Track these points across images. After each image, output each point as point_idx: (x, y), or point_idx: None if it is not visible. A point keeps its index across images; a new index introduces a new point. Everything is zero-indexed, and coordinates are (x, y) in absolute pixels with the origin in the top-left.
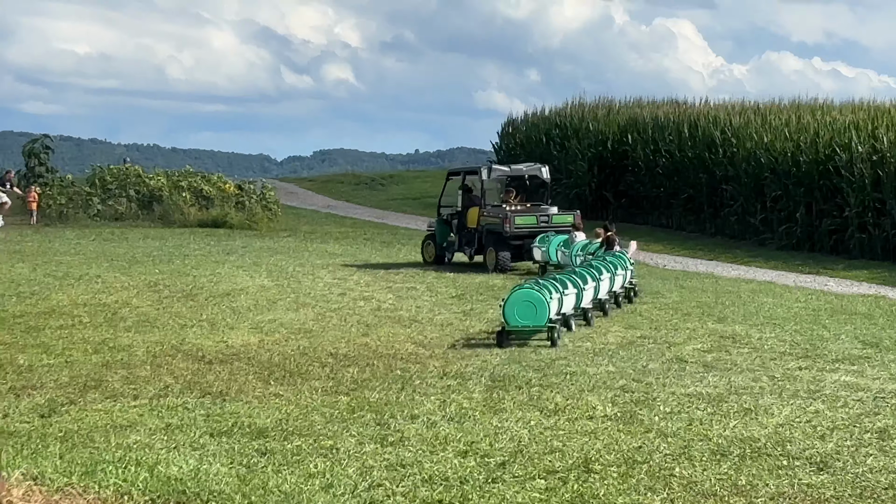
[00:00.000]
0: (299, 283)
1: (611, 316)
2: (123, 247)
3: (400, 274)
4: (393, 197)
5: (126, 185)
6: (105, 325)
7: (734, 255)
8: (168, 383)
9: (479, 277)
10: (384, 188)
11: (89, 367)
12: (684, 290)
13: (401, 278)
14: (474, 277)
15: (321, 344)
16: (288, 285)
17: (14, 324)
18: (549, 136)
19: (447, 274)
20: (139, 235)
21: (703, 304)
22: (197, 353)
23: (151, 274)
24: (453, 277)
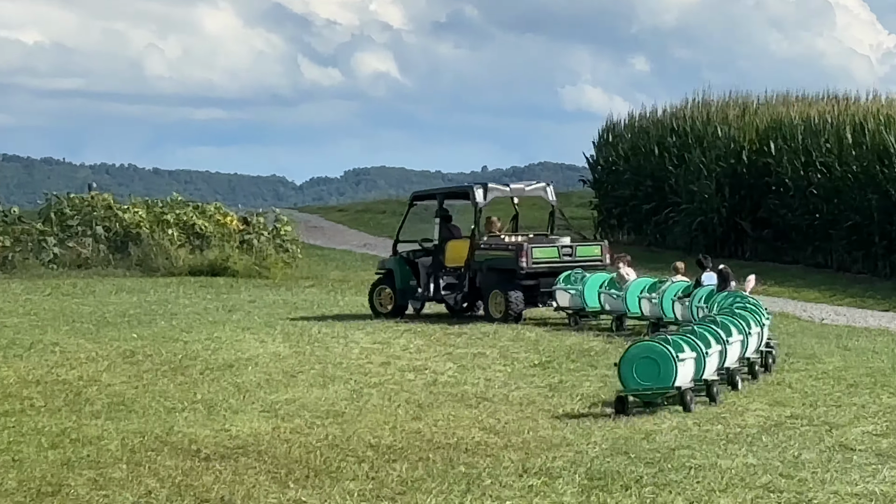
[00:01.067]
0: (327, 349)
1: (746, 388)
2: (89, 303)
3: (463, 335)
4: None
5: (92, 220)
6: (65, 409)
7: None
8: (151, 488)
9: (571, 339)
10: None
11: (45, 468)
12: (849, 353)
13: (464, 341)
14: (563, 338)
15: (357, 432)
16: (311, 353)
17: None
18: (662, 145)
19: (526, 334)
20: (110, 288)
21: (876, 371)
22: (189, 447)
23: (127, 340)
24: (535, 339)
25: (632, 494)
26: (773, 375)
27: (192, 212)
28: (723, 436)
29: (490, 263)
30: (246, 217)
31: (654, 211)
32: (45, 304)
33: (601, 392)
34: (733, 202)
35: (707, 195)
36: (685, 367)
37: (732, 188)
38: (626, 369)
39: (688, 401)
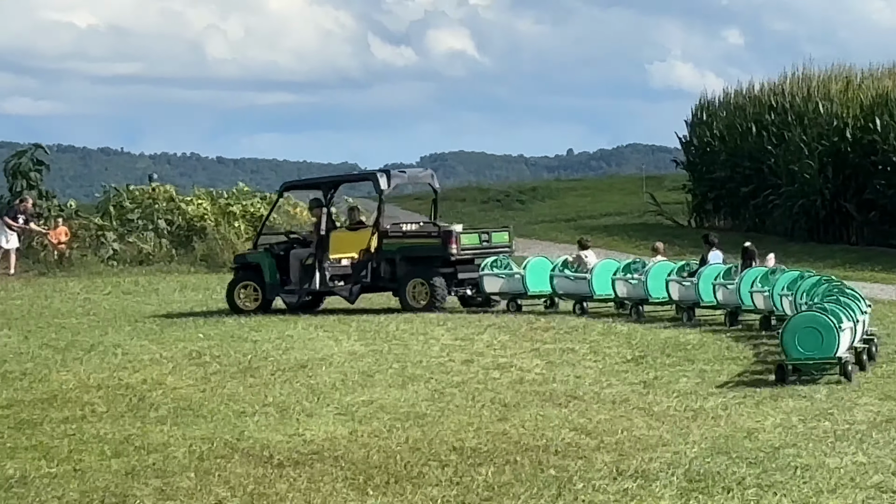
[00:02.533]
0: (406, 347)
1: (854, 381)
2: (152, 302)
3: (550, 330)
4: (537, 218)
5: (153, 213)
6: (129, 415)
7: None
8: (221, 497)
9: (665, 333)
10: (524, 206)
11: (108, 477)
12: None
13: (551, 336)
14: (657, 332)
15: (439, 434)
16: (389, 351)
17: (0, 418)
18: (760, 123)
19: (618, 328)
20: (174, 285)
21: None
22: (261, 453)
23: (193, 340)
24: (627, 333)
25: (734, 497)
26: (882, 368)
27: (260, 203)
28: (830, 433)
29: (408, 252)
30: None
31: (753, 194)
32: (105, 303)
33: (699, 388)
34: (837, 183)
35: (809, 176)
36: (845, 337)
37: (836, 168)
38: (788, 339)
39: (849, 371)
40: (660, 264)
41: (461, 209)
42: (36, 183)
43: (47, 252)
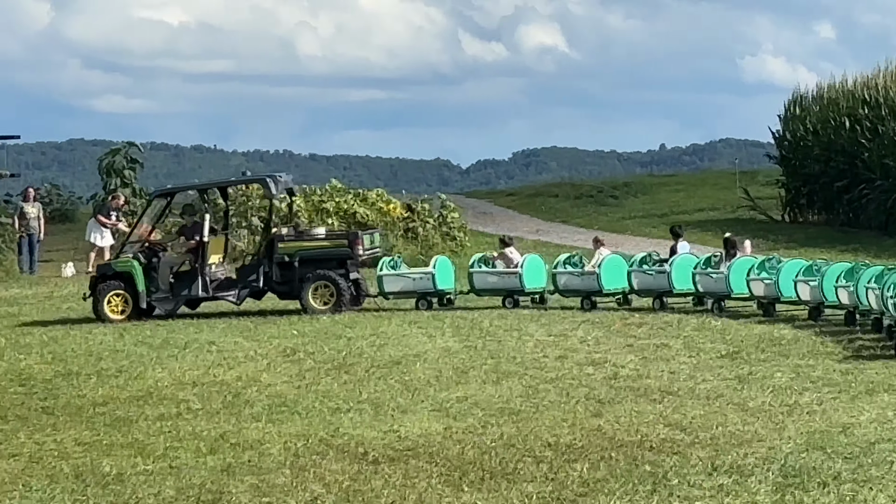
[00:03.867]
0: (500, 343)
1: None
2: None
3: (644, 325)
4: (631, 214)
5: (247, 210)
6: (224, 412)
7: None
8: (316, 494)
9: (759, 328)
10: (618, 202)
11: (203, 474)
12: None
13: (645, 332)
14: (752, 327)
15: (534, 430)
16: (483, 347)
17: (95, 415)
18: (854, 118)
19: (712, 323)
20: None
21: None
22: (356, 450)
23: (287, 337)
24: (721, 328)
25: (829, 492)
26: None
27: (353, 199)
28: None
29: (308, 254)
30: (410, 204)
31: (846, 188)
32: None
33: (793, 383)
34: None
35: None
36: None
37: None
38: None
39: None
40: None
41: (554, 205)
42: (130, 181)
43: None
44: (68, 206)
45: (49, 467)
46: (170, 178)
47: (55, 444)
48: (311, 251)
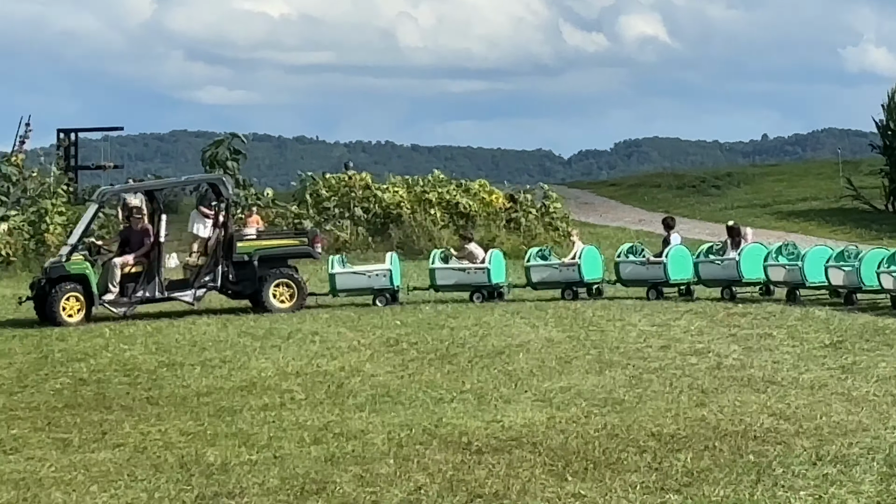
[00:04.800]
0: (602, 332)
1: None
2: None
3: (747, 315)
4: (734, 204)
5: (350, 201)
6: (328, 402)
7: None
8: (420, 483)
9: (863, 318)
10: (720, 192)
11: (307, 464)
12: None
13: (748, 321)
14: (855, 317)
15: (637, 420)
16: (586, 337)
17: (199, 405)
18: None
19: (815, 313)
20: None
21: None
22: (459, 440)
23: (390, 328)
24: (825, 318)
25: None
26: None
27: (456, 190)
28: None
29: (267, 253)
30: (512, 194)
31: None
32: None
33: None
34: None
35: None
36: None
37: None
38: None
39: None
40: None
41: (656, 195)
42: (233, 172)
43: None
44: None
45: (154, 457)
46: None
47: (160, 434)
48: (271, 250)
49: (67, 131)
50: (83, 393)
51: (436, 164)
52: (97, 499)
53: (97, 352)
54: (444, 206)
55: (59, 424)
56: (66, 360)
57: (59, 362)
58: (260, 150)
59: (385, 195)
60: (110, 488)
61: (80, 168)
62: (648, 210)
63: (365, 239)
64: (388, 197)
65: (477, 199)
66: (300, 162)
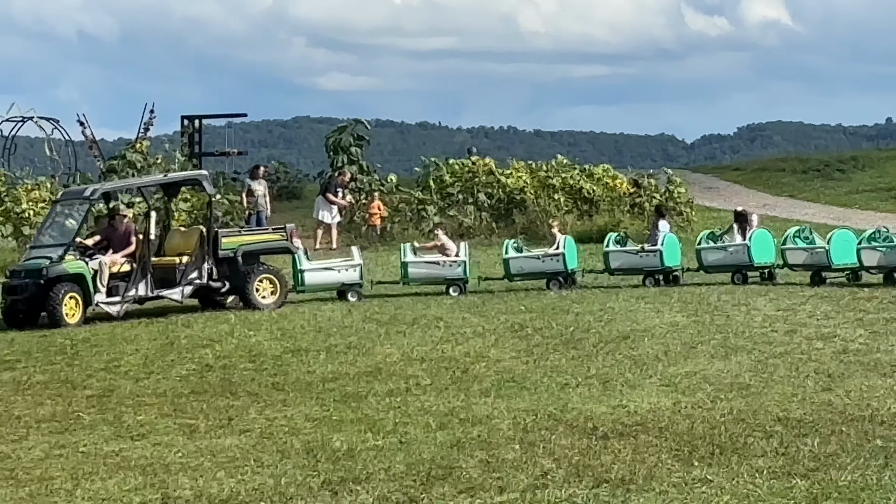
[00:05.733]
0: (727, 317)
1: None
2: (472, 275)
3: (873, 300)
4: (858, 188)
5: (473, 186)
6: (453, 387)
7: None
8: (546, 468)
9: None
10: (845, 175)
11: (433, 450)
12: None
13: (874, 306)
14: None
15: (763, 405)
16: (711, 321)
17: (325, 391)
18: None
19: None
20: (493, 258)
21: None
22: (585, 425)
23: (515, 313)
24: None
25: None
26: None
27: (579, 175)
28: None
29: (250, 249)
30: (636, 179)
31: None
32: None
33: None
34: None
35: None
36: None
37: None
38: None
39: None
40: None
41: (780, 179)
42: (356, 158)
43: (368, 227)
44: (295, 184)
45: (280, 443)
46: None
47: (286, 419)
48: (253, 245)
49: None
50: (209, 379)
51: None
52: (224, 484)
53: (222, 338)
54: (568, 192)
55: (186, 410)
56: (191, 346)
57: (184, 348)
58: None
59: (508, 180)
60: (237, 474)
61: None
62: (773, 194)
63: (489, 224)
64: (512, 182)
65: (600, 184)
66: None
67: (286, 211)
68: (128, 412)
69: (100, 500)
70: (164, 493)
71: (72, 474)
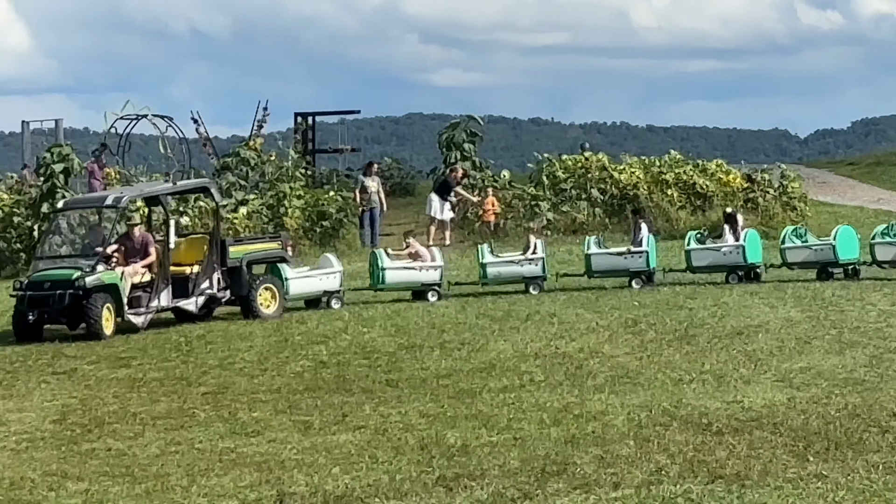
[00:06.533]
0: (842, 312)
1: None
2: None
3: None
4: None
5: (586, 182)
6: (567, 383)
7: None
8: (661, 464)
9: None
10: None
11: (548, 445)
12: None
13: None
14: None
15: (879, 400)
16: (826, 317)
17: (439, 387)
18: None
19: None
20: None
21: None
22: (699, 420)
23: (628, 308)
24: None
25: None
26: None
27: (692, 170)
28: None
29: (253, 258)
30: (750, 174)
31: None
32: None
33: None
34: None
35: None
36: None
37: None
38: None
39: None
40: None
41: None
42: (469, 154)
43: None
44: (408, 180)
45: (394, 439)
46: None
47: (400, 416)
48: (256, 254)
49: (305, 115)
50: (323, 375)
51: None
52: (339, 480)
53: (336, 334)
54: (681, 187)
55: (300, 407)
56: (306, 342)
57: (298, 345)
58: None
59: (622, 176)
60: (352, 470)
61: (317, 151)
62: (887, 189)
63: (602, 220)
64: (625, 177)
65: (714, 179)
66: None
67: (399, 207)
68: (243, 409)
69: (215, 496)
70: (280, 490)
71: (187, 471)
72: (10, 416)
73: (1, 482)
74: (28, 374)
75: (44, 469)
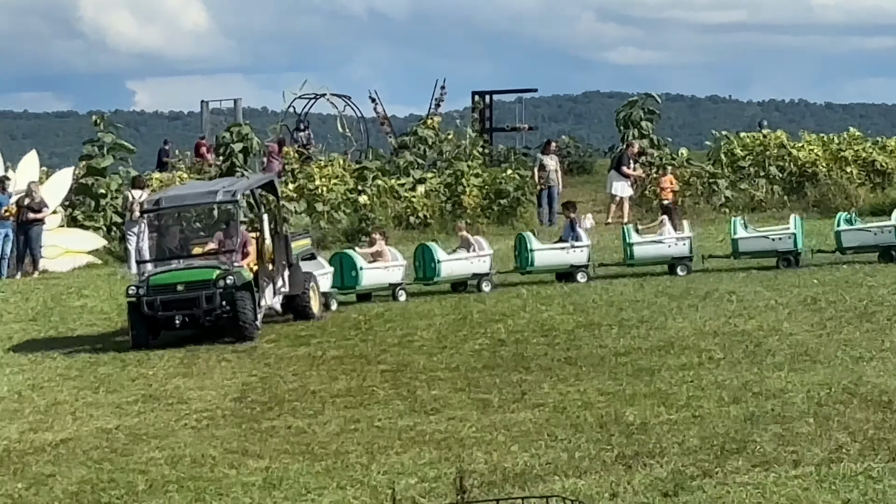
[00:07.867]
0: None
1: None
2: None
3: None
4: None
5: (765, 159)
6: (745, 361)
7: None
8: (841, 442)
9: None
10: None
11: (727, 423)
12: None
13: None
14: None
15: None
16: None
17: (617, 365)
18: None
19: None
20: None
21: None
22: (879, 398)
23: (808, 286)
24: None
25: None
26: None
27: (872, 147)
28: None
29: (301, 254)
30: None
31: None
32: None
33: None
34: None
35: None
36: None
37: None
38: None
39: None
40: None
41: None
42: (647, 132)
43: (659, 201)
44: (586, 158)
45: (573, 417)
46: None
47: (578, 393)
48: (302, 251)
49: (482, 93)
50: (502, 353)
51: (850, 122)
52: (518, 458)
53: (515, 312)
54: (861, 164)
55: (479, 385)
56: (484, 320)
57: (477, 323)
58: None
59: (800, 153)
60: (530, 448)
61: (494, 130)
62: None
63: (780, 198)
64: (804, 155)
65: (893, 156)
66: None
67: (576, 185)
68: (422, 387)
69: (395, 473)
70: (459, 467)
71: (367, 448)
72: (191, 394)
73: (182, 459)
74: (208, 353)
75: (224, 447)
